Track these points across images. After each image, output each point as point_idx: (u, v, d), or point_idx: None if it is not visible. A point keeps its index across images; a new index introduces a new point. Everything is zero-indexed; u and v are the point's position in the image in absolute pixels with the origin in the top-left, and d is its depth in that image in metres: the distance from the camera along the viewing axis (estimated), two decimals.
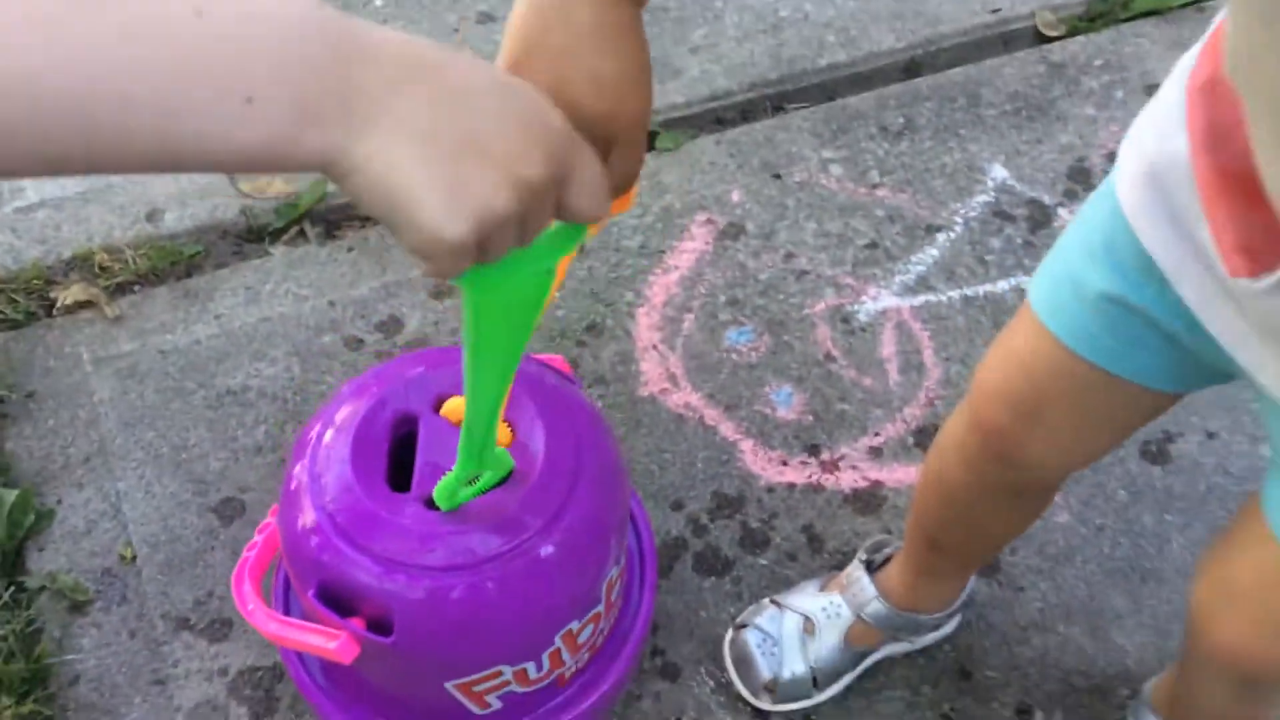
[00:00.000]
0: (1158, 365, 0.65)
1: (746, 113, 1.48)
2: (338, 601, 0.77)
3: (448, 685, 0.80)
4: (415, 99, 0.38)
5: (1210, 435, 1.16)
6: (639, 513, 0.97)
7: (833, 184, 1.38)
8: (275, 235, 1.32)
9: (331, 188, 1.34)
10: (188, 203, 1.33)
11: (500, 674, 0.80)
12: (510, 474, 0.77)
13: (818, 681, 0.97)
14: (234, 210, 1.32)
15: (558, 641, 0.80)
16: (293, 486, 0.80)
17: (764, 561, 1.08)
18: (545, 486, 0.77)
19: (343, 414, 0.81)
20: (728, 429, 1.17)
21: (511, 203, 0.40)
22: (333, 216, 1.35)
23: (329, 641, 0.76)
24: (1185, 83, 0.57)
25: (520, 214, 0.41)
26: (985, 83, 1.49)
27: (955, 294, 1.28)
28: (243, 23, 0.36)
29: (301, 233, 1.33)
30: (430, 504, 0.76)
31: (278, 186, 1.34)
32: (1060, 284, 0.68)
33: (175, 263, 1.28)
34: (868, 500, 1.12)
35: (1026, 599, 1.06)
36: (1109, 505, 1.12)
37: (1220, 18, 0.53)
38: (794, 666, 0.96)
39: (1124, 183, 0.62)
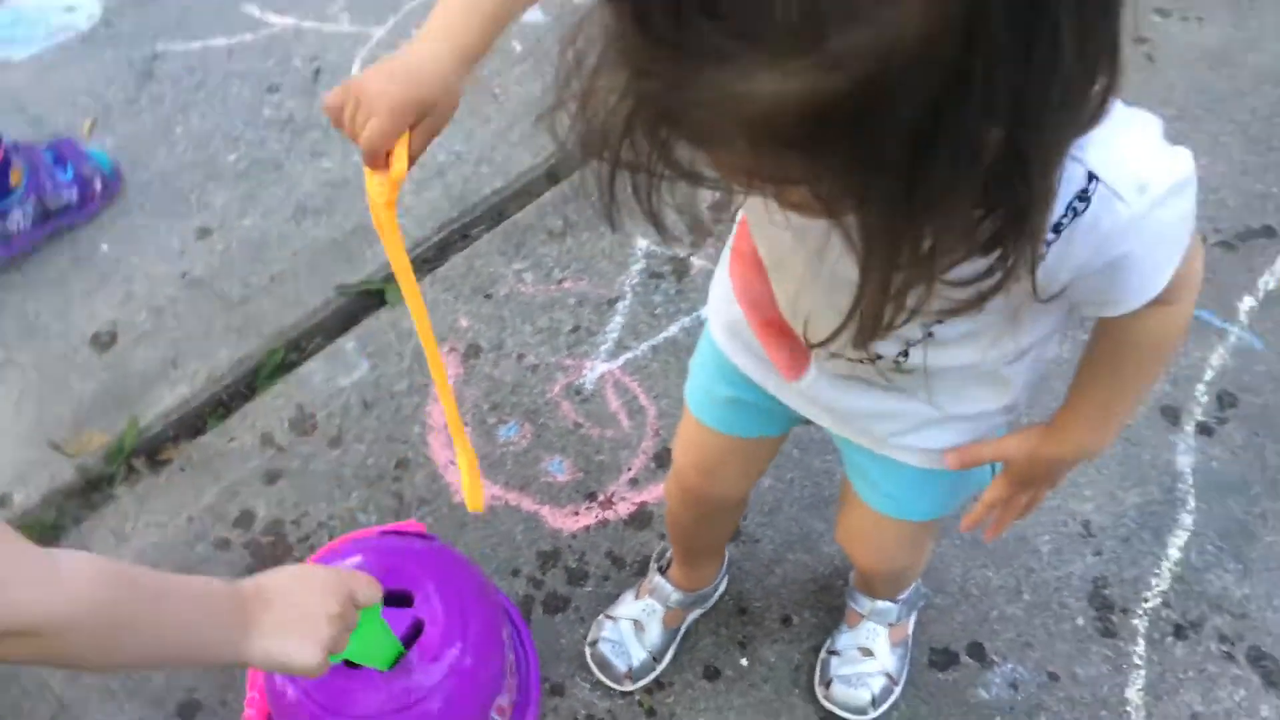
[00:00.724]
0: (773, 425, 1.14)
1: (444, 249, 1.87)
2: None
3: None
4: (271, 614, 0.85)
5: None
6: (503, 598, 1.37)
7: (530, 289, 1.80)
8: (111, 480, 1.58)
9: (144, 423, 1.61)
10: (28, 478, 1.55)
11: None
12: (399, 657, 1.13)
13: (656, 658, 1.42)
14: (69, 471, 1.57)
15: (494, 713, 1.20)
16: (279, 687, 1.14)
17: (589, 589, 1.51)
18: (450, 623, 1.15)
19: None
20: (527, 503, 1.58)
21: (334, 628, 0.88)
22: (153, 445, 1.62)
23: None
24: (727, 273, 1.02)
25: (342, 625, 0.89)
26: None
27: (645, 345, 1.75)
28: (208, 602, 0.83)
29: (132, 469, 1.59)
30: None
31: (95, 440, 1.59)
32: (701, 392, 1.14)
33: (41, 534, 1.51)
34: (641, 519, 1.57)
35: (763, 545, 1.55)
36: (789, 461, 1.63)
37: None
38: (638, 656, 1.41)
39: (715, 331, 1.07)
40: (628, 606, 1.44)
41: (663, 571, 1.43)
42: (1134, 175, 0.67)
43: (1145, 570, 1.57)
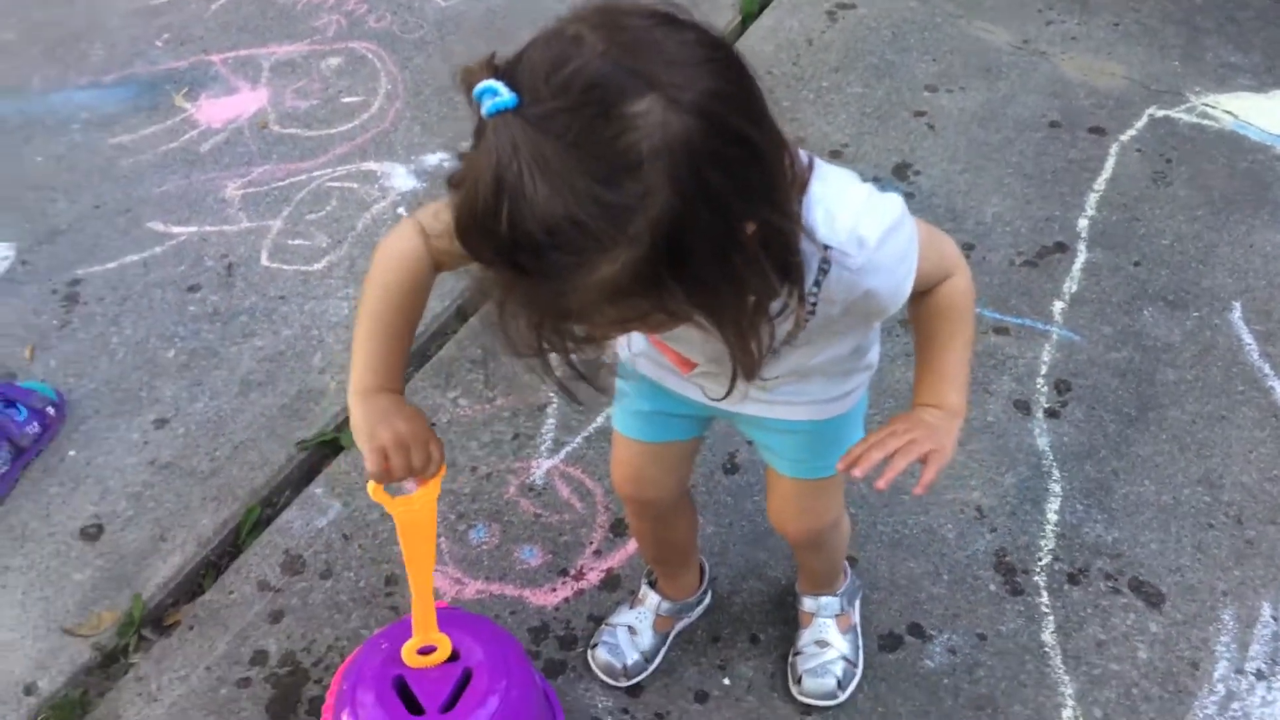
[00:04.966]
0: (688, 427, 1.41)
1: None
2: None
3: None
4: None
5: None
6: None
7: (467, 411, 2.03)
8: (126, 651, 1.71)
9: (146, 595, 1.75)
10: (49, 665, 1.67)
11: None
12: (453, 655, 1.35)
13: (648, 659, 1.66)
14: (86, 651, 1.69)
15: None
16: None
17: (580, 650, 1.70)
18: (495, 673, 1.35)
19: (359, 694, 1.33)
20: (509, 590, 1.78)
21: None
22: (158, 614, 1.76)
23: None
24: None
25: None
26: None
27: (579, 439, 1.99)
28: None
29: (143, 638, 1.73)
30: (443, 708, 1.31)
31: (105, 619, 1.73)
32: (624, 413, 1.41)
33: (71, 712, 1.63)
34: (611, 582, 1.79)
35: (720, 582, 1.78)
36: (726, 508, 1.88)
37: None
38: (632, 656, 1.65)
39: (627, 358, 1.34)
40: (622, 615, 1.69)
41: (652, 585, 1.69)
42: (852, 235, 0.98)
43: (1034, 536, 1.87)
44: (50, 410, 1.98)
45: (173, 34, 2.92)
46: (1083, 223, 2.42)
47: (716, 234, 0.81)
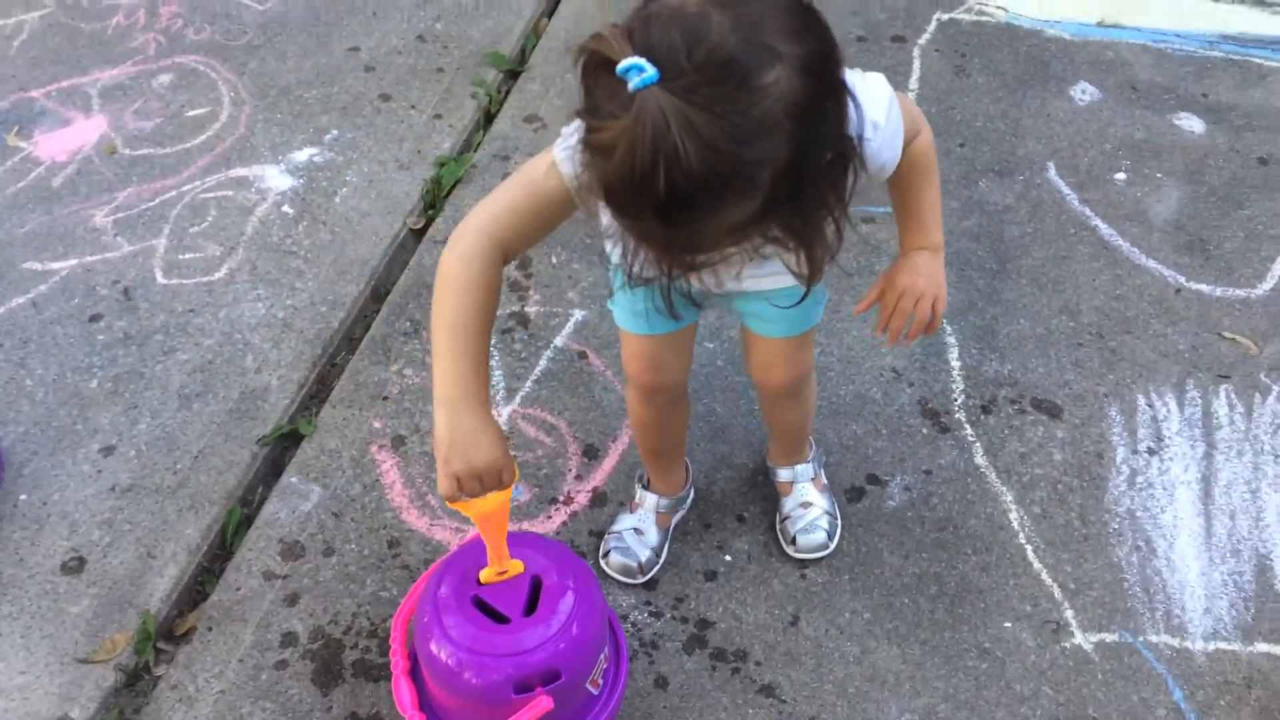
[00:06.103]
0: (687, 314, 1.54)
1: (324, 381, 2.13)
2: (524, 687, 1.40)
3: (586, 684, 1.47)
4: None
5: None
6: None
7: (415, 379, 2.11)
8: (148, 667, 1.71)
9: (153, 610, 1.75)
10: (75, 695, 1.66)
11: (598, 664, 1.49)
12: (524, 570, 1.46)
13: (657, 554, 1.81)
14: (109, 674, 1.68)
15: (601, 658, 1.51)
16: (450, 662, 1.39)
17: (591, 561, 1.83)
18: (563, 578, 1.46)
19: (443, 619, 1.42)
20: (509, 526, 1.88)
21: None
22: (168, 626, 1.77)
23: (542, 708, 1.39)
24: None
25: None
26: None
27: (528, 383, 2.10)
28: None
29: (161, 650, 1.73)
30: (525, 613, 1.42)
31: (119, 640, 1.72)
32: (626, 314, 1.55)
33: None
34: (598, 499, 1.93)
35: (696, 478, 1.95)
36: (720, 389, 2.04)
37: None
38: (644, 553, 1.79)
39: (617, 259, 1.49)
40: (625, 520, 1.83)
41: (645, 486, 1.84)
42: (867, 120, 1.17)
43: (945, 382, 2.13)
44: None
45: None
46: None
47: (814, 169, 0.99)
